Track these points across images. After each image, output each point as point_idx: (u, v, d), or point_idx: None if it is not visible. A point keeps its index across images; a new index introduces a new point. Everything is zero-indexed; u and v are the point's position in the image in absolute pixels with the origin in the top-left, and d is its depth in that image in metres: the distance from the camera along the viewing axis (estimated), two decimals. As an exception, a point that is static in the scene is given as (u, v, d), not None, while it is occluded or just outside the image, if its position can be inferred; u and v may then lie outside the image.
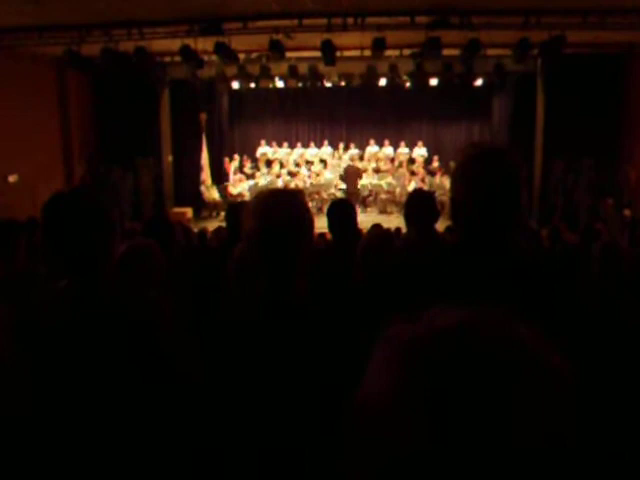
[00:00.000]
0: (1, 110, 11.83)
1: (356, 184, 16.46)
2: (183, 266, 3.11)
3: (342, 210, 3.76)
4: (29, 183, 12.37)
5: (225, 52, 11.24)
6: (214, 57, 11.80)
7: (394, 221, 12.65)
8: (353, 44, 11.76)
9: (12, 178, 12.34)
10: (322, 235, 6.86)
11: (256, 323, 1.68)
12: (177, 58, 12.07)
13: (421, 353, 0.65)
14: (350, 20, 10.02)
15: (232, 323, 1.77)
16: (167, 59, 13.66)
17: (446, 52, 11.21)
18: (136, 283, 1.98)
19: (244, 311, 1.76)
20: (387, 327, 0.71)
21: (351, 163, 17.16)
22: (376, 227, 6.31)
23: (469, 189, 1.59)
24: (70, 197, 1.78)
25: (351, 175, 16.52)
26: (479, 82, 15.16)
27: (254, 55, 13.04)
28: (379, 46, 10.84)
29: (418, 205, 3.41)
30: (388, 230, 4.71)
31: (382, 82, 15.05)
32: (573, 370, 0.66)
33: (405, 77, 14.76)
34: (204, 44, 11.08)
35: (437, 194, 14.24)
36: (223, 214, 15.96)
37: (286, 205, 1.68)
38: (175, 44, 11.10)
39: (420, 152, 17.76)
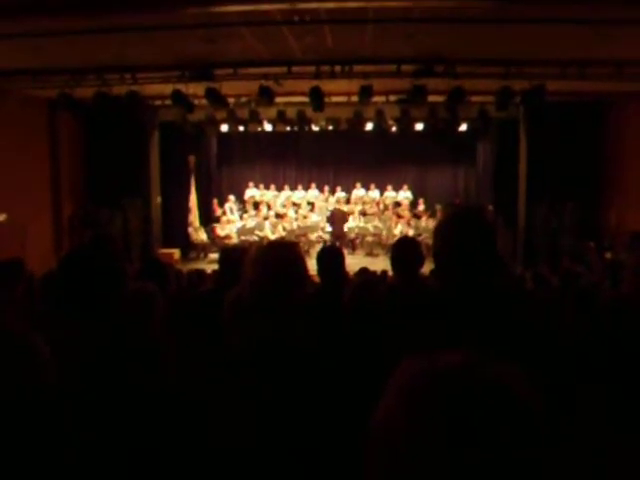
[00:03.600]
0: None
1: (342, 227, 16.68)
2: (178, 309, 3.21)
3: (330, 256, 3.89)
4: (18, 222, 12.43)
5: (215, 97, 11.48)
6: (204, 101, 12.03)
7: (381, 263, 12.79)
8: (341, 90, 12.06)
9: (1, 217, 12.39)
10: (310, 278, 6.96)
11: (255, 365, 1.79)
12: (168, 101, 12.30)
13: (429, 389, 0.80)
14: (338, 68, 10.32)
15: (230, 365, 1.88)
16: (158, 102, 13.88)
17: (431, 98, 11.53)
18: (142, 326, 2.10)
19: (242, 353, 1.87)
20: (398, 365, 0.87)
21: (337, 206, 17.38)
22: (363, 271, 6.43)
23: (447, 245, 1.74)
24: (86, 253, 1.91)
25: (337, 218, 16.75)
26: (463, 127, 15.52)
27: (243, 100, 13.31)
28: (366, 93, 11.14)
29: (404, 252, 3.55)
30: (374, 274, 4.84)
31: (369, 127, 15.36)
32: (541, 400, 0.83)
33: (391, 122, 15.09)
34: (195, 89, 11.31)
35: (422, 237, 14.47)
36: (211, 255, 16.07)
37: (285, 256, 1.82)
38: (166, 88, 11.33)
39: (405, 195, 18.04)
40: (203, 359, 1.97)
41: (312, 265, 3.98)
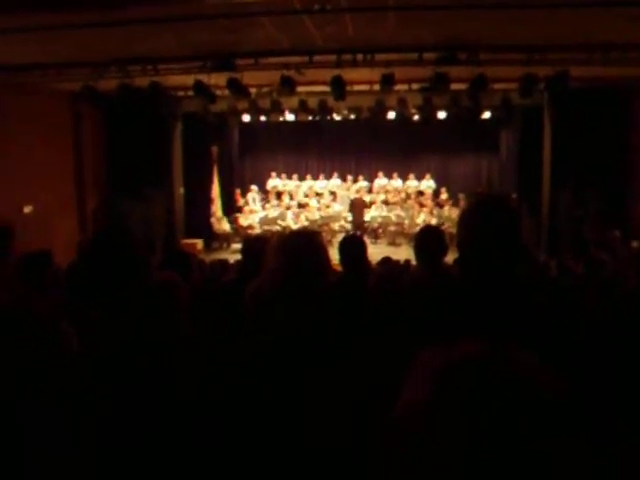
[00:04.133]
0: (18, 143, 12.11)
1: (362, 216, 16.64)
2: (201, 299, 3.22)
3: (353, 245, 3.89)
4: (44, 214, 12.60)
5: (237, 87, 11.49)
6: (226, 91, 12.05)
7: (403, 253, 12.77)
8: (362, 79, 12.00)
9: (27, 209, 12.56)
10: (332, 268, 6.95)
11: (276, 356, 1.79)
12: (190, 92, 12.34)
13: (450, 379, 0.80)
14: (359, 56, 10.25)
15: (251, 356, 1.88)
16: (180, 93, 13.93)
17: (454, 86, 11.42)
18: (166, 317, 2.11)
19: (264, 344, 1.88)
20: (421, 352, 0.87)
21: (358, 195, 17.35)
22: (386, 261, 6.41)
23: (471, 234, 1.73)
24: (101, 245, 1.93)
25: (357, 207, 16.72)
26: (486, 115, 15.37)
27: (265, 90, 13.30)
28: (388, 81, 11.07)
29: (427, 241, 3.53)
30: (397, 264, 4.82)
31: (391, 115, 15.27)
32: (564, 389, 0.82)
33: (413, 110, 14.99)
34: (217, 79, 11.33)
35: (445, 226, 14.39)
36: (233, 246, 16.16)
37: (306, 245, 1.82)
38: (189, 79, 11.37)
39: (428, 184, 17.95)
40: (226, 348, 1.98)
41: (334, 255, 3.98)
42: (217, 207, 16.96)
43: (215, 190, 16.95)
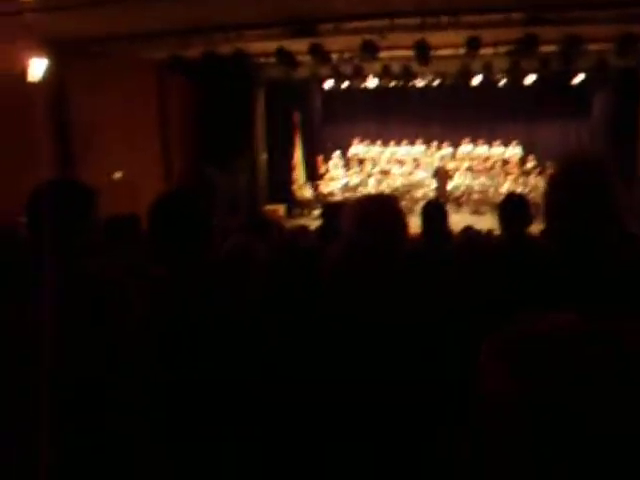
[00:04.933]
0: (107, 112, 12.50)
1: (445, 185, 16.35)
2: (280, 263, 3.24)
3: (435, 212, 3.80)
4: (131, 181, 13.01)
5: (318, 53, 11.42)
6: (308, 58, 12.00)
7: (486, 222, 12.46)
8: (447, 43, 11.66)
9: (117, 175, 13.02)
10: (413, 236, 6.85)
11: (350, 321, 1.76)
12: (272, 59, 12.36)
13: (539, 348, 0.75)
14: (444, 19, 9.94)
15: (328, 321, 1.86)
16: (262, 60, 13.99)
17: (544, 48, 10.94)
18: (240, 280, 2.12)
19: (339, 310, 1.85)
20: (507, 324, 0.81)
21: (442, 163, 17.04)
22: (468, 229, 6.27)
23: (559, 202, 1.61)
24: (175, 196, 1.95)
25: (441, 175, 16.43)
26: (578, 79, 14.67)
27: (347, 55, 13.15)
28: (473, 45, 10.72)
29: (511, 209, 3.40)
30: (479, 233, 4.69)
31: (476, 80, 14.82)
32: None
33: (500, 75, 14.49)
34: (299, 45, 11.29)
35: (532, 195, 13.93)
36: (315, 212, 16.23)
37: (383, 210, 1.76)
38: (271, 46, 11.38)
39: (514, 151, 17.39)
40: (301, 312, 1.97)
41: (415, 222, 3.90)
42: (299, 174, 17.06)
43: (297, 157, 17.03)
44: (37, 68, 10.58)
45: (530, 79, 14.54)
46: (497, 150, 17.55)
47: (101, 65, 11.99)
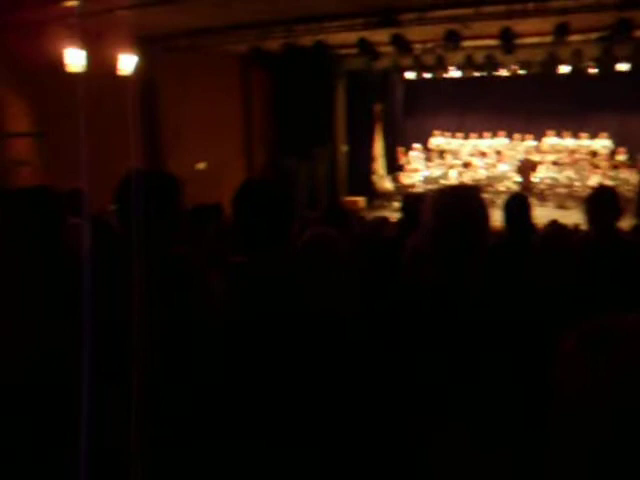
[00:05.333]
0: (192, 104, 12.85)
1: (529, 178, 15.92)
2: (360, 254, 3.24)
3: (518, 205, 3.70)
4: (215, 172, 13.32)
5: (400, 43, 11.31)
6: (389, 48, 11.90)
7: (573, 217, 12.03)
8: (533, 30, 11.30)
9: (201, 166, 13.36)
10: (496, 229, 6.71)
11: (428, 312, 1.75)
12: (353, 50, 12.34)
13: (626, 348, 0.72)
14: (530, 5, 9.63)
15: (405, 310, 1.85)
16: (343, 51, 13.98)
17: (638, 34, 10.43)
18: (320, 268, 2.14)
19: (417, 300, 1.83)
20: (591, 321, 0.78)
21: (527, 156, 16.59)
22: (553, 223, 6.08)
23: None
24: (257, 185, 1.99)
25: (525, 168, 16.00)
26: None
27: (429, 45, 12.96)
28: (562, 31, 10.35)
29: (599, 202, 3.27)
30: (565, 228, 4.55)
31: (564, 69, 14.31)
32: None
33: (590, 63, 13.93)
34: (380, 36, 11.22)
35: (622, 189, 13.36)
36: (395, 204, 16.14)
37: (464, 201, 1.73)
38: (351, 36, 11.36)
39: (603, 144, 16.70)
40: (381, 301, 1.96)
41: (498, 216, 3.81)
42: (379, 165, 17.01)
43: (378, 148, 16.98)
44: (128, 63, 10.98)
45: (623, 67, 13.90)
46: (585, 142, 16.91)
47: (187, 59, 12.33)
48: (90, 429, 1.46)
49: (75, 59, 9.88)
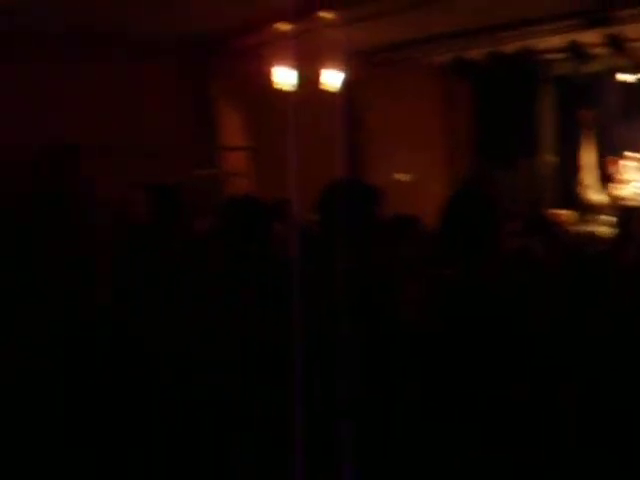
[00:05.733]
0: (394, 117, 13.08)
1: None
2: (564, 269, 3.10)
3: None
4: (416, 182, 13.42)
5: (615, 44, 10.60)
6: (601, 50, 11.20)
7: None
8: None
9: (402, 177, 13.52)
10: None
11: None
12: (560, 55, 11.80)
13: None
14: None
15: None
16: (549, 56, 13.40)
17: None
18: (522, 281, 2.09)
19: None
20: None
21: None
22: None
23: None
24: (467, 196, 2.00)
25: None
26: None
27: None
28: None
29: None
30: None
31: None
32: None
33: None
34: (591, 37, 10.62)
35: None
36: (603, 217, 15.02)
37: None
38: (559, 40, 10.87)
39: None
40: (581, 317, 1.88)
41: None
42: (587, 176, 15.96)
43: (586, 157, 15.95)
44: (335, 78, 11.50)
45: None
46: None
47: (390, 72, 12.59)
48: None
49: (287, 78, 10.56)
